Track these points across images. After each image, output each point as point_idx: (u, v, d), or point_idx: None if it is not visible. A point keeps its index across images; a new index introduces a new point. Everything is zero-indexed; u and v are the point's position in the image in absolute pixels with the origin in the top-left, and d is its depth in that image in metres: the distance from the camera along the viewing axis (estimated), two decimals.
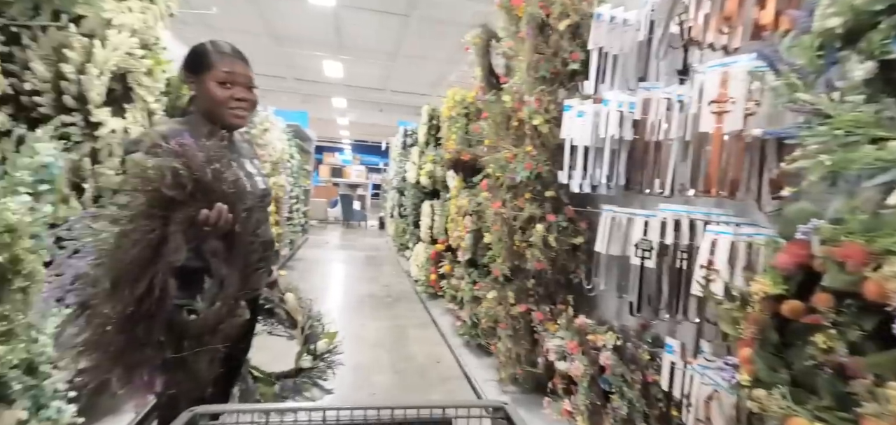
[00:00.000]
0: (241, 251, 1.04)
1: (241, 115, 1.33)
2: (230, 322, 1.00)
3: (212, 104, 1.30)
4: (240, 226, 1.00)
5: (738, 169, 1.30)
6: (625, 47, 2.07)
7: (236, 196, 0.99)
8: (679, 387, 1.59)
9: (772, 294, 0.97)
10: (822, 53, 0.94)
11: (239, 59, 1.33)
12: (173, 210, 0.86)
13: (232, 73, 1.29)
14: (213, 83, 1.28)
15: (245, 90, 1.33)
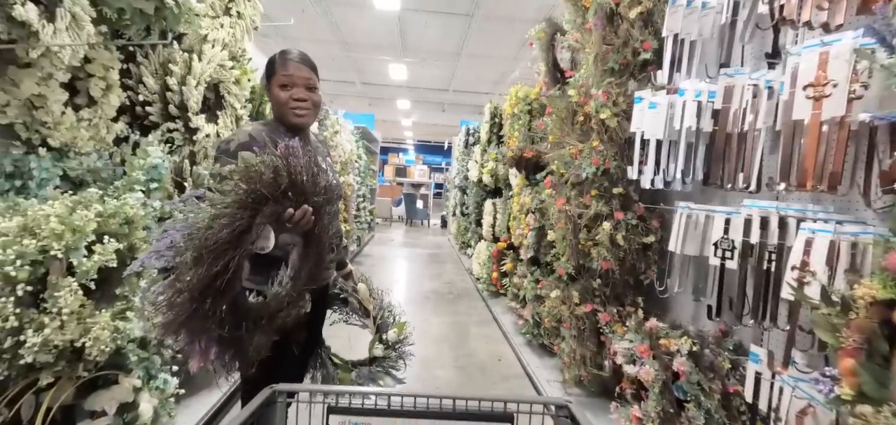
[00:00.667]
0: (316, 248, 1.10)
1: (301, 115, 1.38)
2: (288, 311, 1.07)
3: (276, 106, 1.39)
4: (318, 227, 1.06)
5: (839, 160, 1.16)
6: (704, 32, 1.93)
7: (325, 200, 1.05)
8: (765, 400, 1.45)
9: (882, 299, 0.86)
10: None
11: (299, 63, 1.38)
12: (264, 204, 0.94)
13: (291, 76, 1.36)
14: (276, 87, 1.37)
15: (304, 91, 1.38)
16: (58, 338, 1.13)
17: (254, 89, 2.86)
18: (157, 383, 1.60)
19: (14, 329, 1.09)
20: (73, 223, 1.19)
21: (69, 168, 1.67)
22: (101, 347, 1.23)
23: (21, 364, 1.13)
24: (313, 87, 1.41)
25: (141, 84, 2.00)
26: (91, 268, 1.21)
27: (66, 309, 1.14)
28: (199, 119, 2.16)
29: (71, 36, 1.40)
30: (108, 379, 1.43)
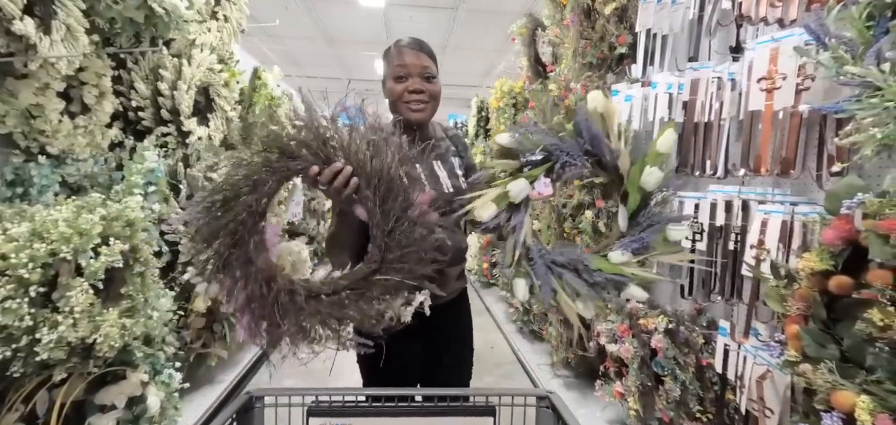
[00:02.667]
0: (380, 229, 0.92)
1: (417, 109, 1.22)
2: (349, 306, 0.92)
3: (391, 100, 1.25)
4: (370, 190, 0.91)
5: (791, 146, 1.28)
6: (674, 27, 2.03)
7: (364, 160, 0.91)
8: (733, 369, 1.58)
9: (819, 270, 0.97)
10: (871, 24, 0.92)
11: (414, 49, 1.23)
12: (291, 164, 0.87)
13: (406, 65, 1.21)
14: (390, 80, 1.23)
15: (420, 81, 1.21)
16: (71, 335, 1.19)
17: (243, 91, 2.91)
18: (162, 378, 1.67)
19: (29, 328, 1.16)
20: (80, 226, 1.25)
21: (67, 174, 1.72)
22: (110, 343, 1.30)
23: (36, 361, 1.20)
24: (431, 77, 1.24)
25: (133, 90, 2.05)
26: (99, 269, 1.28)
27: (78, 307, 1.20)
28: (192, 122, 2.21)
29: (66, 47, 1.45)
30: (116, 374, 1.50)
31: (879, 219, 0.82)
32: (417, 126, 1.26)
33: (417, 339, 1.25)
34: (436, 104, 1.27)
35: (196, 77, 2.20)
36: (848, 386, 0.91)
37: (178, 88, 2.10)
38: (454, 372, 1.43)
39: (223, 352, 2.41)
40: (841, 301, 0.98)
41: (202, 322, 2.29)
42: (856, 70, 0.93)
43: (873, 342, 0.90)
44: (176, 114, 2.13)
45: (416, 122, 1.24)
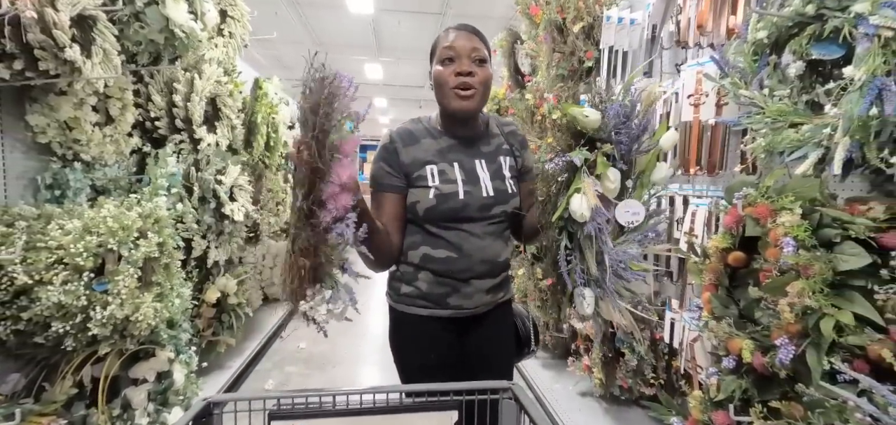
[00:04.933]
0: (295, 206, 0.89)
1: (464, 96, 1.07)
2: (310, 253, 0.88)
3: (438, 88, 1.11)
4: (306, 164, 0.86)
5: (713, 151, 1.56)
6: (633, 44, 2.32)
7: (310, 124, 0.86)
8: (677, 339, 1.86)
9: (722, 247, 1.25)
10: (756, 58, 1.20)
11: (463, 31, 1.10)
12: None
13: (452, 47, 1.08)
14: (437, 65, 1.10)
15: (470, 64, 1.07)
16: (119, 313, 1.42)
17: (245, 100, 3.13)
18: (184, 357, 1.90)
19: (83, 307, 1.38)
20: (123, 222, 1.47)
21: (96, 178, 1.94)
22: (148, 322, 1.53)
23: (87, 336, 1.42)
24: (483, 60, 1.10)
25: (150, 102, 2.27)
26: (139, 258, 1.50)
27: (125, 290, 1.43)
28: (202, 130, 2.43)
29: (103, 68, 1.67)
30: (147, 352, 1.72)
31: (754, 207, 1.10)
32: (464, 118, 1.13)
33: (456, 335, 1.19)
34: (486, 93, 1.12)
35: (206, 89, 2.42)
36: (740, 335, 1.19)
37: (191, 100, 2.32)
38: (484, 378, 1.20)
39: (231, 340, 2.63)
40: (739, 272, 1.26)
41: (212, 312, 2.51)
42: (746, 93, 1.22)
43: (759, 302, 1.19)
44: (188, 122, 2.36)
45: (461, 113, 1.10)
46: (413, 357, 1.20)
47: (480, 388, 0.87)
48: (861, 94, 0.92)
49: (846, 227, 0.96)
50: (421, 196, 1.12)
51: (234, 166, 2.64)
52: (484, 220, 1.14)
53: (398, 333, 1.22)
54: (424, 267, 1.14)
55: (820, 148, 1.05)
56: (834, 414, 0.89)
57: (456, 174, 1.12)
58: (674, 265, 2.02)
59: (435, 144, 1.15)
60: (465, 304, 1.16)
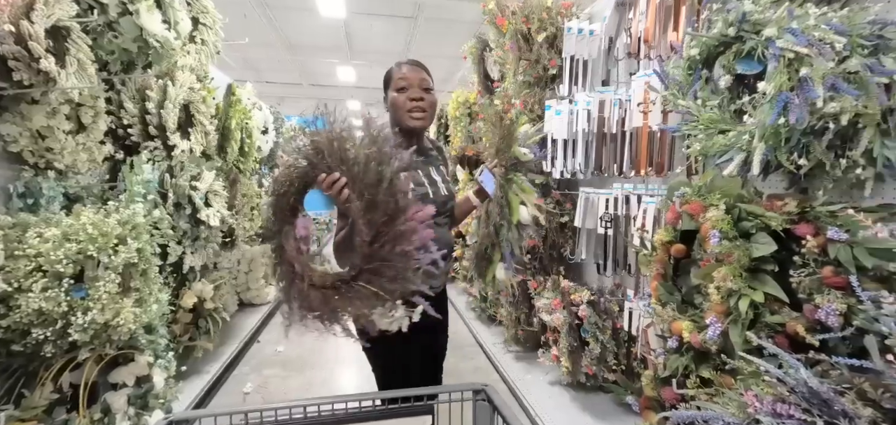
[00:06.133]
0: (362, 237, 0.99)
1: (417, 116, 1.36)
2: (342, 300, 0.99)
3: (393, 110, 1.38)
4: (360, 200, 0.98)
5: (661, 153, 1.73)
6: (592, 54, 2.48)
7: (359, 172, 0.98)
8: (635, 326, 2.03)
9: (666, 240, 1.41)
10: (691, 72, 1.36)
11: (413, 66, 1.40)
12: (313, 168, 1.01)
13: (406, 78, 1.36)
14: (393, 92, 1.38)
15: (420, 91, 1.36)
16: (100, 318, 1.45)
17: (217, 106, 3.14)
18: (163, 362, 1.93)
19: (64, 312, 1.41)
20: (103, 229, 1.51)
21: (69, 187, 1.94)
22: (128, 327, 1.57)
23: (67, 342, 1.45)
24: (429, 89, 1.40)
25: (122, 109, 2.27)
26: (119, 264, 1.54)
27: (106, 295, 1.46)
28: (176, 137, 2.45)
29: (78, 78, 1.69)
30: (126, 357, 1.75)
31: (689, 204, 1.25)
32: (415, 134, 1.40)
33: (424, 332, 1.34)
34: (433, 114, 1.43)
35: (179, 96, 2.44)
36: (681, 317, 1.34)
37: (165, 107, 2.33)
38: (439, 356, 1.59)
39: (208, 345, 2.65)
40: (681, 262, 1.42)
41: (189, 317, 2.53)
42: (684, 103, 1.37)
43: (697, 287, 1.34)
44: (162, 129, 2.37)
45: (415, 129, 1.38)
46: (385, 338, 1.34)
47: (454, 389, 0.89)
48: (771, 106, 1.08)
49: (761, 220, 1.12)
50: None
51: (208, 172, 2.66)
52: (442, 214, 1.44)
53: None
54: None
55: (743, 152, 1.21)
56: (751, 380, 1.04)
57: (422, 179, 1.40)
58: (631, 258, 2.19)
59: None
60: (436, 284, 1.39)
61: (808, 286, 1.09)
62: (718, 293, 1.12)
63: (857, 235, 1.03)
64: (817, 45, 1.07)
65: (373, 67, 9.91)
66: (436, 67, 8.47)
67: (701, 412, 0.99)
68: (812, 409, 0.85)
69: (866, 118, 1.10)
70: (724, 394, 1.03)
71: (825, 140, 1.16)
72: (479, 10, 3.07)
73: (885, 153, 1.12)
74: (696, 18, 1.58)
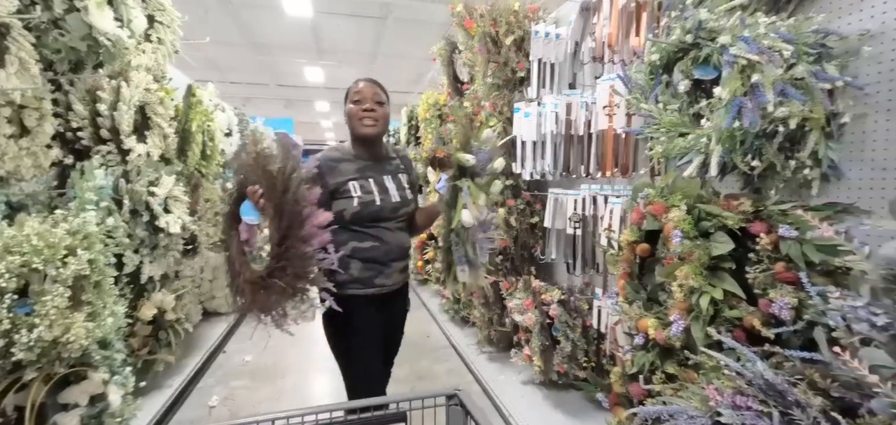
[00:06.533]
0: (292, 237, 1.21)
1: (368, 124, 1.51)
2: (268, 293, 1.24)
3: (349, 120, 1.55)
4: (279, 204, 1.19)
5: (626, 155, 1.77)
6: (559, 57, 2.53)
7: (273, 184, 1.20)
8: (604, 324, 2.08)
9: (631, 240, 1.45)
10: (652, 77, 1.41)
11: (367, 82, 1.56)
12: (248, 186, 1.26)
13: (361, 92, 1.53)
14: (349, 104, 1.54)
15: (372, 103, 1.52)
16: (48, 335, 1.36)
17: (177, 108, 3.01)
18: (119, 378, 1.82)
19: (6, 331, 1.31)
20: (49, 240, 1.41)
21: (11, 194, 1.81)
22: (79, 343, 1.47)
23: (11, 362, 1.35)
24: (382, 102, 1.56)
25: (71, 111, 2.14)
26: (68, 277, 1.44)
27: (54, 310, 1.37)
28: (131, 140, 2.32)
29: (19, 78, 1.58)
30: (78, 375, 1.64)
31: (652, 205, 1.29)
32: (370, 143, 1.56)
33: (378, 311, 1.58)
34: (385, 125, 1.58)
35: (134, 97, 2.32)
36: (647, 315, 1.38)
37: (118, 109, 2.21)
38: (388, 353, 1.73)
39: (170, 358, 2.53)
40: (646, 261, 1.46)
41: (148, 329, 2.40)
42: (646, 106, 1.42)
43: (661, 285, 1.39)
44: (116, 132, 2.24)
45: (367, 136, 1.53)
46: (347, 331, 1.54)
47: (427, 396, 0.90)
48: (727, 110, 1.13)
49: (719, 220, 1.17)
50: (346, 205, 1.49)
51: (167, 176, 2.55)
52: (395, 219, 1.57)
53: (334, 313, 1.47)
54: (355, 257, 1.52)
55: (701, 154, 1.26)
56: (713, 374, 1.09)
57: (372, 187, 1.52)
58: (600, 258, 2.24)
59: (353, 165, 1.54)
60: (387, 282, 1.57)
61: (763, 282, 1.15)
62: (681, 291, 1.16)
63: (806, 233, 1.09)
64: (767, 52, 1.12)
65: (342, 68, 9.76)
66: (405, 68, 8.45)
67: (666, 407, 1.02)
68: (768, 400, 0.89)
69: (812, 122, 1.17)
70: (687, 389, 1.07)
71: (776, 143, 1.22)
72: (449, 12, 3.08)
73: (829, 155, 1.20)
74: (656, 25, 1.64)
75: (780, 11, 1.35)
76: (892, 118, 1.13)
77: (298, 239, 1.18)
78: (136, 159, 2.35)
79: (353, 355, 1.56)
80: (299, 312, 1.28)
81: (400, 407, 0.87)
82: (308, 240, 1.20)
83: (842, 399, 0.83)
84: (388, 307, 1.62)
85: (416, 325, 4.42)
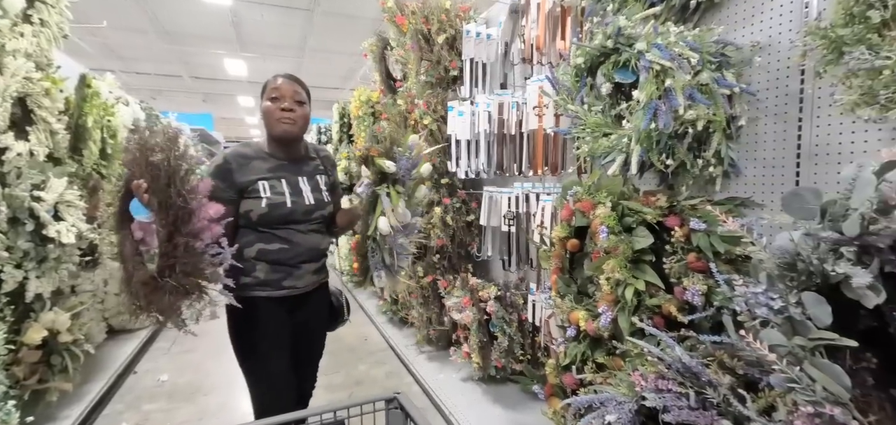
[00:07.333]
0: (181, 233, 1.13)
1: (286, 122, 1.43)
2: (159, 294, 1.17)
3: (266, 118, 1.46)
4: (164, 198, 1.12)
5: (555, 154, 1.84)
6: (491, 57, 2.58)
7: (156, 176, 1.12)
8: (538, 318, 2.15)
9: (561, 236, 1.50)
10: (577, 79, 1.47)
11: (287, 79, 1.47)
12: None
13: (279, 89, 1.44)
14: (267, 101, 1.45)
15: (292, 102, 1.44)
16: None
17: (68, 101, 2.64)
18: (0, 414, 1.56)
19: None
20: None
21: None
22: None
23: None
24: (302, 102, 1.47)
25: None
26: None
27: None
28: (8, 137, 1.99)
29: None
30: None
31: (581, 202, 1.35)
32: (287, 143, 1.47)
33: (287, 311, 1.50)
34: (305, 125, 1.49)
35: (11, 87, 1.99)
36: (577, 308, 1.44)
37: None
38: (307, 356, 1.64)
39: (66, 385, 2.21)
40: (576, 256, 1.53)
41: (38, 355, 2.08)
42: (572, 107, 1.48)
43: (590, 279, 1.46)
44: None
45: (284, 136, 1.45)
46: (252, 334, 1.46)
47: (366, 401, 0.88)
48: (644, 113, 1.21)
49: (640, 215, 1.25)
50: (254, 205, 1.41)
51: (57, 179, 2.22)
52: (307, 222, 1.50)
53: (238, 315, 1.42)
54: (261, 259, 1.44)
55: (623, 153, 1.34)
56: (638, 361, 1.16)
57: (284, 188, 1.45)
58: (533, 254, 2.32)
59: (265, 164, 1.45)
60: (297, 285, 1.49)
61: (678, 271, 1.25)
62: (608, 283, 1.23)
63: (714, 225, 1.20)
64: (678, 59, 1.22)
65: (267, 61, 9.20)
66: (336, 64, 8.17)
67: (597, 395, 1.07)
68: (685, 382, 0.96)
69: (715, 124, 1.28)
70: (616, 376, 1.13)
71: (686, 143, 1.33)
72: (379, 7, 3.01)
73: (729, 154, 1.33)
74: (580, 29, 1.72)
75: (686, 22, 1.48)
76: (780, 121, 1.28)
77: (187, 233, 1.12)
78: (14, 159, 2.02)
79: (256, 357, 1.48)
80: (196, 311, 1.22)
81: (337, 415, 0.84)
82: (197, 235, 1.13)
83: (746, 375, 0.92)
84: (301, 309, 1.55)
85: (354, 329, 4.30)
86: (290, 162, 1.50)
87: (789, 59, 1.26)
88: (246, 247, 1.42)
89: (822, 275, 0.77)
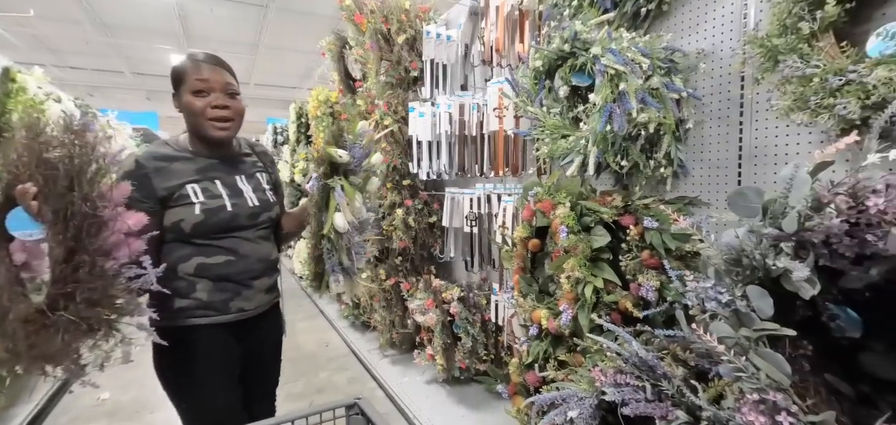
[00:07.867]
0: (64, 236, 0.88)
1: (222, 127, 1.21)
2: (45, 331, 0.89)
3: (190, 117, 1.20)
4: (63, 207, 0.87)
5: (516, 155, 1.87)
6: (451, 58, 2.57)
7: (51, 178, 0.87)
8: (501, 318, 2.17)
9: (523, 236, 1.52)
10: (536, 82, 1.50)
11: (215, 65, 1.21)
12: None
13: (207, 80, 1.18)
14: (188, 94, 1.18)
15: (224, 97, 1.20)
16: None
17: None
18: None
19: None
20: None
21: None
22: None
23: None
24: (235, 94, 1.24)
25: None
26: None
27: None
28: None
29: None
30: None
31: (541, 203, 1.38)
32: (220, 143, 1.25)
33: (239, 342, 1.29)
34: (240, 122, 1.28)
35: None
36: (540, 306, 1.47)
37: None
38: (261, 389, 1.43)
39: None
40: (537, 255, 1.56)
41: None
42: (532, 110, 1.50)
43: (551, 278, 1.48)
44: None
45: (221, 142, 1.24)
46: (191, 369, 1.21)
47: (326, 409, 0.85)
48: (599, 115, 1.24)
49: (597, 215, 1.29)
50: (185, 213, 1.18)
51: None
52: (254, 227, 1.28)
53: (173, 353, 1.13)
54: (201, 276, 1.20)
55: (580, 155, 1.37)
56: (597, 357, 1.19)
57: (220, 190, 1.22)
58: (495, 254, 2.34)
59: (191, 165, 1.22)
60: (247, 306, 1.27)
61: (633, 268, 1.29)
62: (568, 282, 1.26)
63: (665, 223, 1.25)
64: (630, 64, 1.26)
65: None
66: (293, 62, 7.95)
67: (559, 392, 1.09)
68: (642, 375, 1.00)
69: (665, 127, 1.34)
70: (577, 373, 1.15)
71: (638, 144, 1.39)
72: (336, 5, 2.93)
73: (678, 155, 1.39)
74: (538, 33, 1.75)
75: (638, 28, 1.54)
76: (723, 124, 1.36)
77: (94, 251, 0.87)
78: None
79: (201, 395, 1.23)
80: (103, 354, 0.94)
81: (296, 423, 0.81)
82: (109, 253, 0.89)
83: (697, 367, 0.97)
84: (253, 335, 1.32)
85: (314, 335, 4.18)
86: (223, 160, 1.27)
87: (730, 65, 1.33)
88: (181, 263, 1.19)
89: (765, 270, 0.82)
